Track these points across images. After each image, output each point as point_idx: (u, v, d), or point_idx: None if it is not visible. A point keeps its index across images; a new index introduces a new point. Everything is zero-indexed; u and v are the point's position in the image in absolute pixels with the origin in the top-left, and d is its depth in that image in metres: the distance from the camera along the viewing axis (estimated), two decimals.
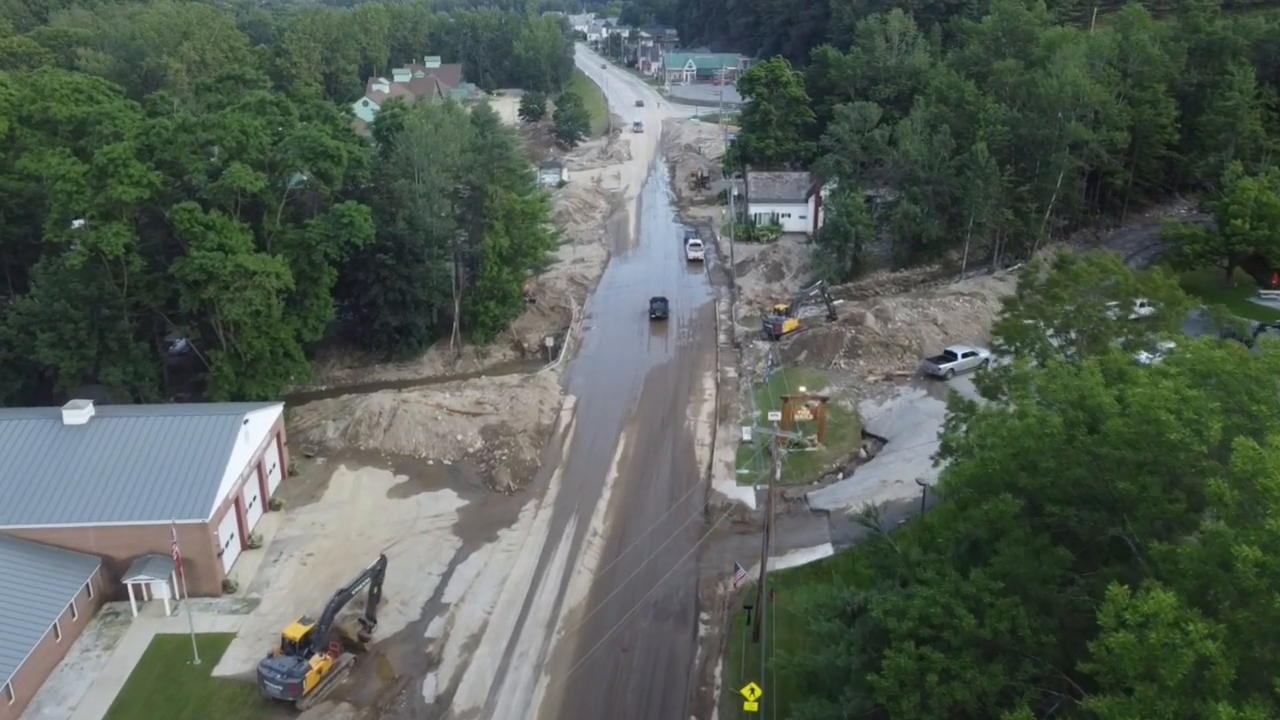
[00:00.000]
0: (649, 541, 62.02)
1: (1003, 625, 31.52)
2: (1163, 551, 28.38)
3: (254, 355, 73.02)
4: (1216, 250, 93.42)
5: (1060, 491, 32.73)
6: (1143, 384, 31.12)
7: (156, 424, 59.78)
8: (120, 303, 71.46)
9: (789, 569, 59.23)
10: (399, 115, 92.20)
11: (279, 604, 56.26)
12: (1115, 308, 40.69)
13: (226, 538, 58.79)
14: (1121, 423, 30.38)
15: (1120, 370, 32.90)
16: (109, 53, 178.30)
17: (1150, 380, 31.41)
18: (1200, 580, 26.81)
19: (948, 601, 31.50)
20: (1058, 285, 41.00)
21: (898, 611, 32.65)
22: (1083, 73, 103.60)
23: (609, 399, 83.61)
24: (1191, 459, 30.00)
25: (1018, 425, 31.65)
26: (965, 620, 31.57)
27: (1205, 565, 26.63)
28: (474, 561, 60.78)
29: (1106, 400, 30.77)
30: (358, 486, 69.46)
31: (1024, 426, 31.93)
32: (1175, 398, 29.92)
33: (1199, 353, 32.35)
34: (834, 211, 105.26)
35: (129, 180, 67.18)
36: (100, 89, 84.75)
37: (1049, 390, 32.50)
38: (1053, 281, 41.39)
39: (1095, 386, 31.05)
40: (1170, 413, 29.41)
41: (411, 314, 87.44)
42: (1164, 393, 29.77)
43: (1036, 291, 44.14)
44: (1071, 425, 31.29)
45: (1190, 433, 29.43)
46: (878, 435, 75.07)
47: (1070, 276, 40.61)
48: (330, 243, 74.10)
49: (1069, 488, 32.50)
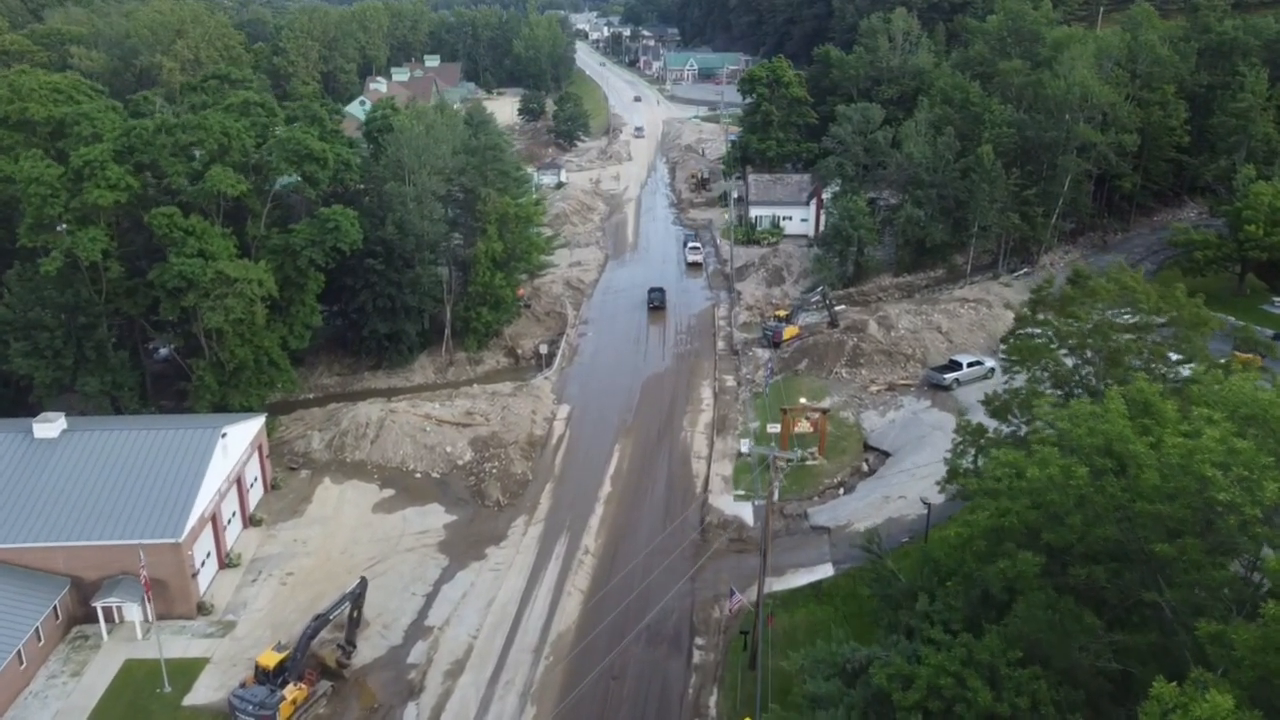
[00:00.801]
0: (642, 560, 59.69)
1: (1022, 701, 28.53)
2: (1212, 632, 25.03)
3: (237, 364, 70.68)
4: (1229, 256, 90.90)
5: (1087, 549, 29.58)
6: (1172, 421, 27.82)
7: (130, 438, 57.49)
8: (98, 310, 69.18)
9: (787, 590, 56.91)
10: (389, 116, 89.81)
11: (256, 627, 53.98)
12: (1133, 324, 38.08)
13: (202, 557, 56.56)
14: (1158, 475, 27.40)
15: (1146, 402, 30.20)
16: (102, 51, 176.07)
17: (1177, 417, 28.23)
18: (1258, 671, 23.43)
19: (959, 670, 28.72)
20: (1073, 302, 38.58)
21: (903, 679, 29.85)
22: (1091, 73, 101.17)
23: (604, 409, 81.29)
24: (1242, 523, 26.72)
25: (1038, 475, 28.83)
26: (980, 694, 28.77)
27: (1265, 655, 23.26)
28: (460, 581, 58.50)
29: (1140, 449, 27.80)
30: (342, 501, 67.21)
31: (1045, 477, 29.08)
32: (1221, 449, 26.73)
33: (1240, 392, 29.32)
34: (836, 215, 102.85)
35: (106, 183, 64.82)
36: (81, 89, 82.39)
37: (1073, 436, 29.68)
38: (1067, 298, 39.00)
39: (1124, 430, 28.14)
40: (1216, 467, 26.23)
41: (401, 321, 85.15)
42: (1208, 444, 26.71)
43: (1049, 307, 41.73)
44: (1099, 474, 28.56)
45: (1241, 492, 26.03)
46: (880, 448, 72.68)
47: (1086, 293, 38.23)
48: (315, 248, 71.81)
49: (1097, 545, 29.40)
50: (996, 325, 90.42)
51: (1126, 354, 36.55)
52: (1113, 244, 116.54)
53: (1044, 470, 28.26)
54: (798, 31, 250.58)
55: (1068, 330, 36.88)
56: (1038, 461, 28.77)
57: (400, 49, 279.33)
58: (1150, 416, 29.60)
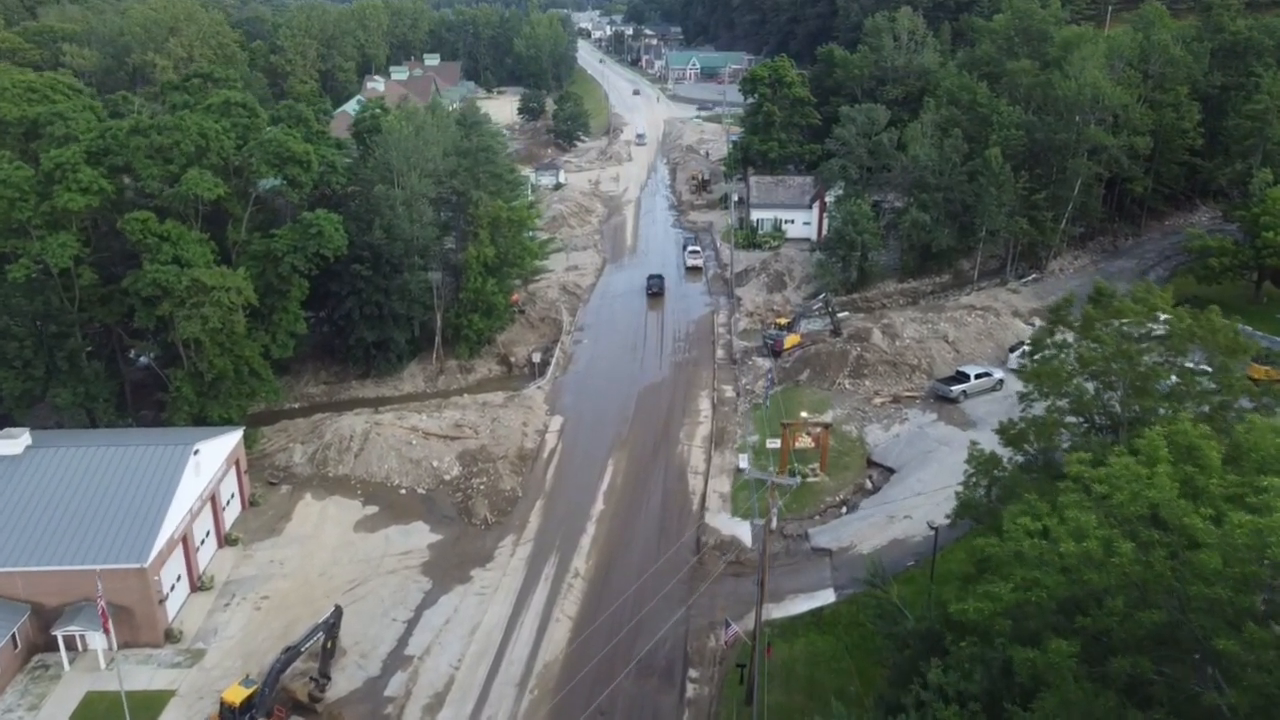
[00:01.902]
0: (635, 584, 56.84)
1: None
2: None
3: (216, 375, 67.92)
4: (1245, 264, 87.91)
5: (1131, 636, 25.38)
6: (1217, 470, 23.78)
7: (97, 455, 54.75)
8: (71, 319, 66.52)
9: (786, 618, 54.11)
10: (378, 117, 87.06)
11: (226, 656, 51.25)
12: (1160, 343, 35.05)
13: (173, 580, 53.86)
14: (1219, 557, 23.63)
15: (1190, 447, 26.96)
16: (95, 49, 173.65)
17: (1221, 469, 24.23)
18: None
19: None
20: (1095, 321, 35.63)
21: None
22: (1103, 74, 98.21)
23: (598, 420, 78.49)
24: None
25: (1073, 550, 25.50)
26: None
27: None
28: (443, 606, 55.72)
29: (1198, 524, 24.21)
30: (323, 518, 64.44)
31: (1082, 552, 25.11)
32: None
33: None
34: (839, 219, 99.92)
35: (78, 187, 62.18)
36: (59, 88, 79.71)
37: (1114, 504, 26.24)
38: (1089, 318, 36.12)
39: (1175, 499, 24.65)
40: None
41: (389, 328, 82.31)
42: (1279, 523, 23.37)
43: (1069, 327, 38.79)
44: (1145, 547, 25.22)
45: None
46: (884, 464, 69.77)
47: (1110, 313, 35.33)
48: (298, 254, 69.08)
49: (1142, 631, 25.24)
50: (1005, 334, 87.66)
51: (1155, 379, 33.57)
52: (1123, 249, 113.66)
53: (1080, 544, 24.84)
54: (801, 30, 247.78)
55: (1091, 356, 33.89)
56: (1072, 531, 25.23)
57: (400, 47, 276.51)
58: (1194, 463, 26.41)
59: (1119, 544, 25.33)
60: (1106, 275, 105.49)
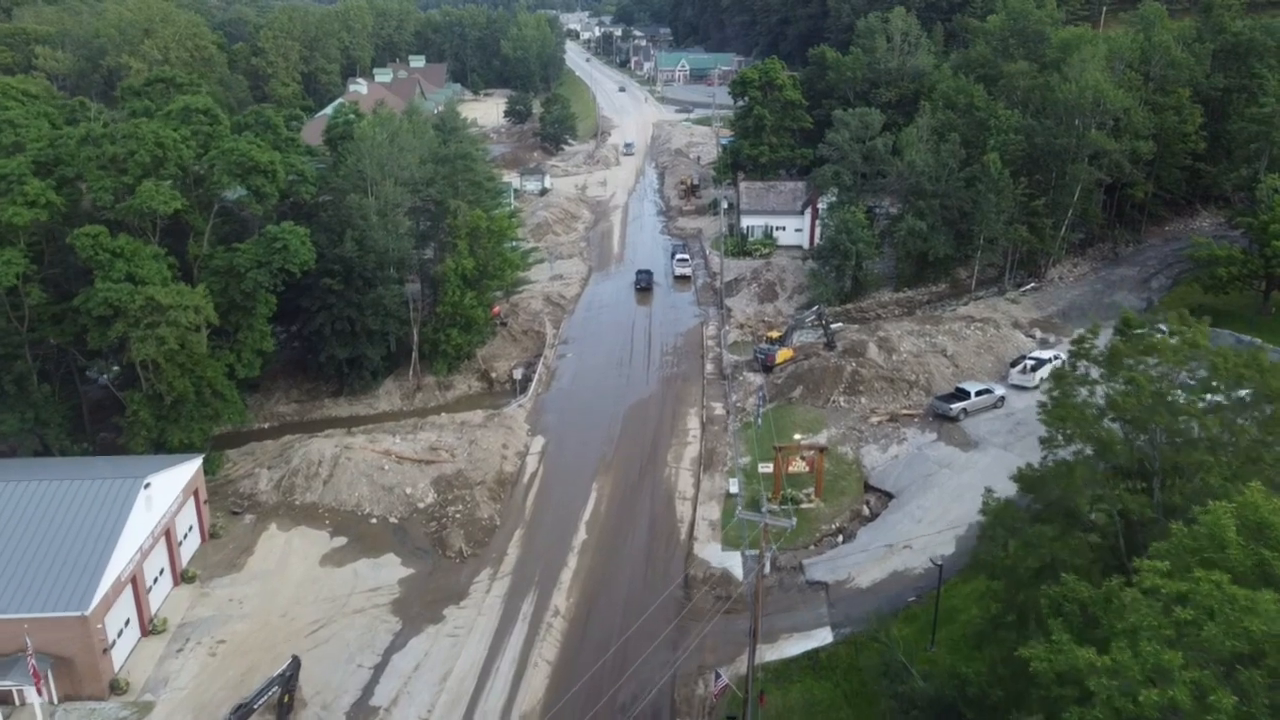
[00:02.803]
0: (619, 623, 53.34)
1: None
2: None
3: (176, 397, 63.98)
4: (1254, 273, 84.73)
5: None
6: None
7: (37, 491, 50.79)
8: (19, 339, 62.50)
9: (780, 661, 50.60)
10: (351, 122, 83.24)
11: (176, 709, 47.41)
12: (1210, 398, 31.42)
13: (120, 625, 49.99)
14: None
15: (1261, 523, 23.03)
16: (69, 51, 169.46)
17: None
18: None
19: None
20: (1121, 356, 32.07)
21: None
22: (1104, 76, 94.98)
23: (582, 441, 74.84)
24: None
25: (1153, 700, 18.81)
26: None
27: None
28: (413, 650, 51.98)
29: None
30: (288, 551, 60.61)
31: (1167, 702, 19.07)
32: None
33: None
34: (833, 228, 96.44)
35: (24, 200, 58.30)
36: (11, 93, 75.70)
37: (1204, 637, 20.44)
38: (1117, 354, 32.58)
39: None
40: None
41: (362, 345, 78.41)
42: None
43: (1093, 362, 35.23)
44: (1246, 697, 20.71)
45: None
46: (883, 489, 66.34)
47: (1141, 350, 31.82)
48: (262, 270, 65.20)
49: None
50: (1005, 347, 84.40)
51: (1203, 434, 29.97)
52: (1124, 256, 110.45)
53: (1165, 695, 20.30)
54: (792, 32, 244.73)
55: (1126, 403, 30.31)
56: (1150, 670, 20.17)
57: (385, 49, 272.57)
58: (1266, 544, 22.38)
59: (1217, 695, 20.32)
60: (1107, 283, 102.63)
